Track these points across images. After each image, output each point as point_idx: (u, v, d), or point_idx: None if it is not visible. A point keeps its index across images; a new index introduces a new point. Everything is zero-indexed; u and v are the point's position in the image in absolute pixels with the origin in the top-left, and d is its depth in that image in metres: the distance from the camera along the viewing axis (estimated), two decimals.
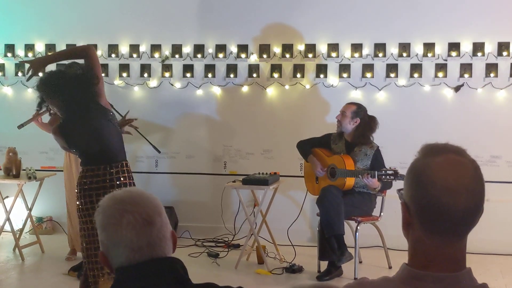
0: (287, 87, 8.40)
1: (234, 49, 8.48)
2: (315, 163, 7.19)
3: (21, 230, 8.04)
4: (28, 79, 5.23)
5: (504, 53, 7.83)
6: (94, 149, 4.89)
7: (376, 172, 6.59)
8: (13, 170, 7.58)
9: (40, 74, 5.52)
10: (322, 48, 8.27)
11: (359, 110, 7.09)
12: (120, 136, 5.17)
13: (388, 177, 6.51)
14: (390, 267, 7.20)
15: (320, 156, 7.23)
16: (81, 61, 5.35)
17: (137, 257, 2.16)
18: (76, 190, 5.01)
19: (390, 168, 6.59)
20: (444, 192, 1.81)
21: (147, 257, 2.16)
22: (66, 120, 4.91)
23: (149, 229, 2.17)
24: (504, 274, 7.13)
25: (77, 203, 4.95)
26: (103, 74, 8.48)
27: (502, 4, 7.88)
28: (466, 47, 7.91)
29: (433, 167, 1.85)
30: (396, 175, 6.48)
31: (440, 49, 7.98)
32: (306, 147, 7.34)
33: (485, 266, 7.23)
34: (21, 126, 7.31)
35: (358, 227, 6.88)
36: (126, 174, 5.04)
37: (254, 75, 8.45)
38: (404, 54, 8.06)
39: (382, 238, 7.27)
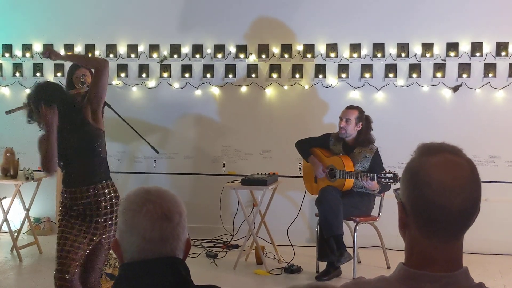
0: (285, 87, 8.39)
1: (232, 49, 8.47)
2: (316, 164, 7.18)
3: (19, 231, 8.02)
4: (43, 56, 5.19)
5: (503, 53, 7.83)
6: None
7: (375, 175, 6.58)
8: (11, 170, 7.58)
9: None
10: (321, 48, 8.27)
11: (361, 114, 7.08)
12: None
13: (387, 180, 6.50)
14: (388, 267, 7.19)
15: (319, 156, 7.22)
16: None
17: (147, 248, 2.17)
18: (113, 201, 4.85)
19: (389, 171, 6.59)
20: (440, 192, 1.81)
21: (156, 251, 2.18)
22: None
23: (165, 224, 2.18)
24: (503, 274, 7.12)
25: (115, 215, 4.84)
26: None
27: (501, 4, 7.88)
28: (465, 47, 7.91)
29: (429, 167, 1.84)
30: (395, 178, 6.46)
31: (439, 49, 7.98)
32: (306, 147, 7.33)
33: (484, 266, 7.23)
34: (8, 112, 7.29)
35: (357, 228, 6.88)
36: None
37: (253, 75, 8.44)
38: (403, 54, 8.05)
39: (380, 238, 7.26)
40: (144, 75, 8.69)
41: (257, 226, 7.69)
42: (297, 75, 8.33)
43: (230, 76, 8.50)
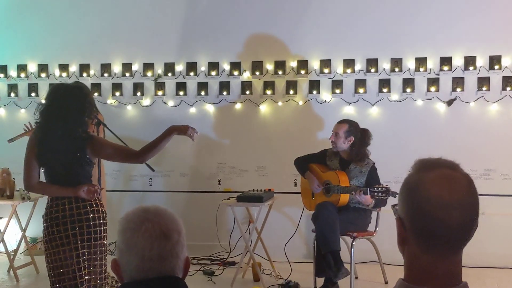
0: (280, 103, 8.41)
1: (226, 66, 8.49)
2: (312, 179, 7.18)
3: (16, 251, 7.99)
4: None
5: (496, 67, 7.86)
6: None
7: (368, 189, 6.58)
8: (7, 191, 7.57)
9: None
10: (315, 64, 8.29)
11: (351, 128, 7.07)
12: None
13: (380, 194, 6.48)
14: (386, 282, 7.19)
15: (316, 172, 7.23)
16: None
17: (147, 267, 2.17)
18: (103, 221, 4.76)
19: (382, 185, 6.58)
20: (438, 208, 1.81)
21: (155, 270, 2.18)
22: (47, 134, 4.71)
23: (164, 242, 2.19)
24: (501, 287, 7.12)
25: (105, 235, 4.77)
26: (96, 93, 8.52)
27: (493, 18, 7.93)
28: (458, 61, 7.95)
29: (427, 183, 1.85)
30: (387, 192, 6.44)
31: (432, 63, 8.01)
32: (303, 164, 7.34)
33: (482, 280, 7.23)
34: (11, 141, 7.33)
35: (354, 243, 6.87)
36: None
37: (247, 92, 8.46)
38: (396, 69, 8.08)
39: (377, 253, 7.26)
40: (138, 93, 8.70)
41: (253, 243, 7.68)
42: (291, 91, 8.35)
43: (225, 93, 8.52)
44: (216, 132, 8.65)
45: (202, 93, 8.57)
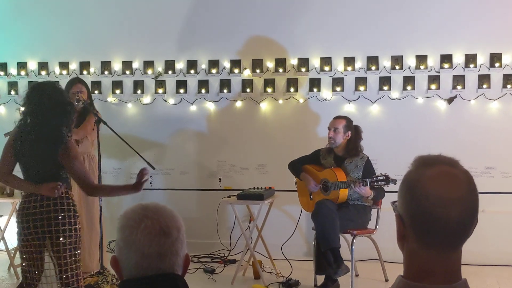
0: (280, 101, 8.40)
1: (227, 64, 8.49)
2: (308, 179, 7.17)
3: (16, 249, 7.98)
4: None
5: (496, 64, 7.85)
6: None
7: (367, 179, 6.60)
8: (7, 188, 7.56)
9: None
10: (315, 62, 8.28)
11: (349, 123, 7.11)
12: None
13: (380, 183, 6.52)
14: (386, 280, 7.19)
15: (312, 172, 7.22)
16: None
17: (145, 264, 2.17)
18: (71, 219, 4.79)
19: (381, 174, 6.61)
20: (438, 204, 1.81)
21: (154, 267, 2.18)
22: (26, 133, 4.82)
23: (163, 239, 2.19)
24: (501, 285, 7.12)
25: (75, 233, 4.81)
26: (96, 91, 8.52)
27: (493, 15, 7.91)
28: (458, 58, 7.94)
29: (426, 179, 1.85)
30: (387, 180, 6.49)
31: (433, 61, 8.00)
32: (297, 166, 7.34)
33: (482, 278, 7.23)
34: (7, 134, 7.31)
35: (354, 240, 6.87)
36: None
37: (248, 90, 8.45)
38: (397, 67, 8.07)
39: (378, 251, 7.25)
40: (139, 91, 8.70)
41: (254, 241, 7.67)
42: (292, 89, 8.34)
43: (225, 91, 8.51)
44: (217, 130, 8.64)
45: (203, 91, 8.56)
